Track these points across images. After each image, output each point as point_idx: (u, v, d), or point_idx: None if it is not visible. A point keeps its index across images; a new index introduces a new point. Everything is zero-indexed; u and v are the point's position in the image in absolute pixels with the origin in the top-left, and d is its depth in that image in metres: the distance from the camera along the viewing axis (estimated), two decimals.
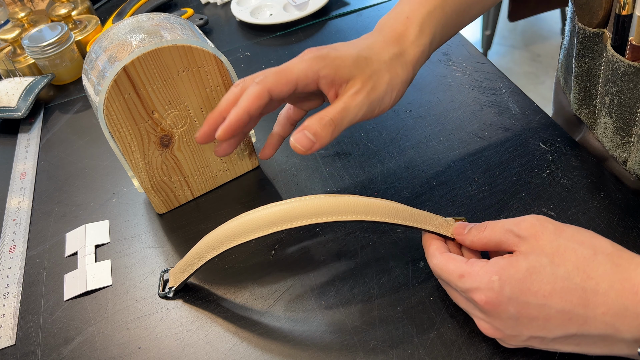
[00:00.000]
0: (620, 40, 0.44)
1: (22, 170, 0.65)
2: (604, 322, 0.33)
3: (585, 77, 0.50)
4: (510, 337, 0.36)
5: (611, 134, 0.48)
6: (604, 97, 0.47)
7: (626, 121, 0.46)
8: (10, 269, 0.53)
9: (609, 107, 0.47)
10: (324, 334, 0.43)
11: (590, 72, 0.49)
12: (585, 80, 0.50)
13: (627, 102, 0.45)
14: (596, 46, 0.47)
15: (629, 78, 0.43)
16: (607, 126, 0.48)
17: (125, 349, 0.45)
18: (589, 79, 0.49)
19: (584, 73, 0.50)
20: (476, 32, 2.30)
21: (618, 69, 0.44)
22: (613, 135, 0.48)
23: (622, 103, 0.45)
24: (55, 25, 0.77)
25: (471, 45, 0.70)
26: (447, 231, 0.42)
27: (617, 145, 0.48)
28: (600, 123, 0.50)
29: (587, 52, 0.48)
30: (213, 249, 0.42)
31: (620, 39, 0.43)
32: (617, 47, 0.44)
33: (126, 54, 0.44)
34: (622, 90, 0.44)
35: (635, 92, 0.43)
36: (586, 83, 0.50)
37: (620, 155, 0.48)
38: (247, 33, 0.83)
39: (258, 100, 0.41)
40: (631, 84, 0.43)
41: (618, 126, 0.47)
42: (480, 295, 0.36)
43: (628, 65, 0.43)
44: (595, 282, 0.33)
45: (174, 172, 0.53)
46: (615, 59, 0.44)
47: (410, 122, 0.60)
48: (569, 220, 0.47)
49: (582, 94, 0.51)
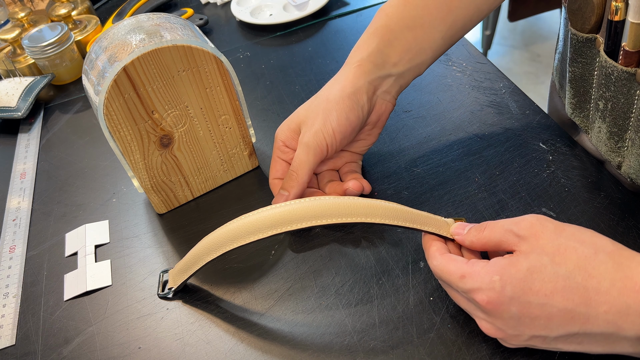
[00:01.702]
0: (613, 45, 0.43)
1: (22, 170, 0.65)
2: (606, 321, 0.33)
3: (579, 81, 0.50)
4: (512, 337, 0.36)
5: (605, 139, 0.48)
6: (598, 102, 0.47)
7: (620, 126, 0.46)
8: (10, 269, 0.53)
9: (603, 111, 0.47)
10: (324, 334, 0.43)
11: (583, 77, 0.49)
12: (579, 84, 0.50)
13: (620, 107, 0.45)
14: (589, 51, 0.47)
15: (622, 83, 0.43)
16: (601, 131, 0.48)
17: (125, 349, 0.45)
18: (582, 83, 0.49)
19: (578, 78, 0.50)
20: (476, 32, 2.30)
21: (611, 74, 0.44)
22: (607, 140, 0.48)
23: (615, 108, 0.45)
24: (55, 25, 0.77)
25: (471, 45, 0.70)
26: (447, 232, 0.42)
27: (611, 150, 0.48)
28: (594, 127, 0.50)
29: (580, 57, 0.48)
30: (212, 251, 0.42)
31: (613, 45, 0.43)
32: (610, 52, 0.44)
33: (126, 54, 0.44)
34: (615, 95, 0.44)
35: (628, 97, 0.43)
36: (580, 87, 0.50)
37: (615, 159, 0.48)
38: (247, 33, 0.83)
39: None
40: (624, 89, 0.43)
41: (612, 131, 0.47)
42: (481, 296, 0.36)
43: (621, 71, 0.43)
44: (596, 281, 0.33)
45: (174, 172, 0.53)
46: (609, 64, 0.44)
47: (410, 122, 0.60)
48: (569, 220, 0.47)
49: (576, 99, 0.51)
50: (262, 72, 0.74)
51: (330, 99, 0.48)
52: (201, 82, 0.49)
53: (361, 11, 0.83)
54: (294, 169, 0.48)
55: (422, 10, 0.49)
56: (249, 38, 0.82)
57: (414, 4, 0.50)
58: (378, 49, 0.49)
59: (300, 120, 0.49)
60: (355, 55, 0.50)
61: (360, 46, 0.50)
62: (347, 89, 0.48)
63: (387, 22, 0.49)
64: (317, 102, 0.49)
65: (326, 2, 0.82)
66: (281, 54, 0.76)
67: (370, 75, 0.49)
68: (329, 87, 0.49)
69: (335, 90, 0.48)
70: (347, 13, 0.83)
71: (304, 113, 0.49)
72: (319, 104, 0.48)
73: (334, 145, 0.48)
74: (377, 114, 0.51)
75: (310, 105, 0.49)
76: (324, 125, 0.47)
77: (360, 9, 0.83)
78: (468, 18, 0.51)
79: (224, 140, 0.54)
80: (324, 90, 0.50)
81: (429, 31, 0.50)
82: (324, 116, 0.47)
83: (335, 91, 0.48)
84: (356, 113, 0.48)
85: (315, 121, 0.48)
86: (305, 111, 0.49)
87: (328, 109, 0.47)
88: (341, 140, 0.49)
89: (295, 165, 0.48)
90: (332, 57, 0.74)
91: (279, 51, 0.77)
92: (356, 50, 0.50)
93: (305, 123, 0.48)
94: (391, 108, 0.51)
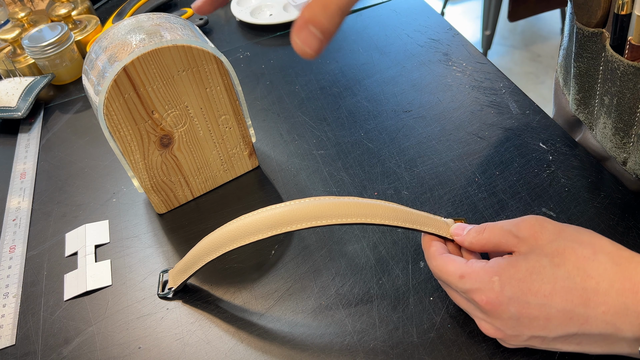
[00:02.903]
0: (619, 40, 0.43)
1: (22, 170, 0.65)
2: (605, 321, 0.33)
3: (584, 77, 0.49)
4: (511, 337, 0.36)
5: (610, 134, 0.48)
6: (603, 97, 0.47)
7: (626, 121, 0.46)
8: (10, 269, 0.53)
9: (608, 107, 0.47)
10: (324, 334, 0.43)
11: (589, 72, 0.49)
12: (584, 80, 0.50)
13: (626, 102, 0.44)
14: (595, 46, 0.47)
15: (629, 78, 0.43)
16: (607, 126, 0.48)
17: (125, 349, 0.45)
18: (587, 79, 0.49)
19: (583, 73, 0.49)
20: (476, 32, 2.30)
21: (617, 69, 0.44)
22: (612, 136, 0.48)
23: (621, 103, 0.45)
24: (55, 25, 0.77)
25: (471, 45, 0.70)
26: (447, 232, 0.42)
27: (617, 146, 0.48)
28: (599, 123, 0.49)
29: (585, 52, 0.48)
30: (212, 252, 0.42)
31: (619, 39, 0.43)
32: (616, 46, 0.44)
33: (126, 54, 0.44)
34: (621, 90, 0.44)
35: (634, 92, 0.43)
36: (585, 83, 0.50)
37: (620, 155, 0.48)
38: (247, 33, 0.83)
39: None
40: (630, 84, 0.43)
41: (617, 126, 0.46)
42: (480, 296, 0.36)
43: (627, 65, 0.43)
44: (595, 282, 0.33)
45: (174, 172, 0.53)
46: (615, 59, 0.44)
47: (410, 122, 0.60)
48: (569, 220, 0.47)
49: (581, 94, 0.51)
50: (262, 72, 0.74)
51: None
52: (201, 82, 0.49)
53: (361, 11, 0.83)
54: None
55: None
56: (249, 38, 0.82)
57: None
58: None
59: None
60: None
61: None
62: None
63: None
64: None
65: None
66: (281, 54, 0.76)
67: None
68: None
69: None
70: None
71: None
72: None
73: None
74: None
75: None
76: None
77: (360, 9, 0.83)
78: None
79: (224, 140, 0.54)
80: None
81: None
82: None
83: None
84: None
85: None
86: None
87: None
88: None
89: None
90: (332, 57, 0.74)
91: (279, 51, 0.77)
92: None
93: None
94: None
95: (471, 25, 2.39)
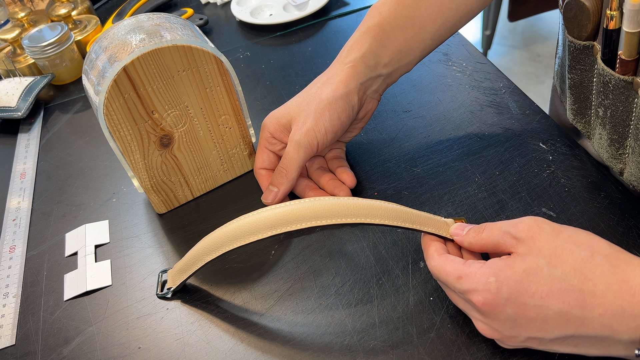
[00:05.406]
0: (610, 53, 0.43)
1: (22, 170, 0.65)
2: (602, 324, 0.33)
3: (579, 88, 0.49)
4: (508, 338, 0.36)
5: (606, 145, 0.48)
6: (598, 109, 0.47)
7: (620, 133, 0.45)
8: (10, 269, 0.53)
9: (603, 119, 0.47)
10: (324, 334, 0.43)
11: (583, 83, 0.49)
12: (579, 91, 0.50)
13: (619, 115, 0.44)
14: (587, 59, 0.47)
15: (620, 91, 0.43)
16: (602, 137, 0.48)
17: (125, 349, 0.45)
18: (582, 90, 0.49)
19: (577, 84, 0.49)
20: (476, 32, 2.30)
21: (609, 82, 0.44)
22: (608, 147, 0.48)
23: (615, 115, 0.45)
24: (55, 25, 0.77)
25: (471, 45, 0.70)
26: (446, 232, 0.42)
27: (613, 156, 0.48)
28: (595, 134, 0.49)
29: (578, 64, 0.48)
30: (212, 252, 0.42)
31: (610, 53, 0.43)
32: (607, 60, 0.44)
33: (126, 54, 0.44)
34: (614, 103, 0.44)
35: (627, 105, 0.43)
36: (580, 94, 0.50)
37: (616, 166, 0.48)
38: (247, 33, 0.83)
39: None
40: (622, 97, 0.43)
41: (612, 138, 0.46)
42: (477, 297, 0.36)
43: (618, 79, 0.42)
44: (592, 284, 0.33)
45: (174, 172, 0.53)
46: (606, 73, 0.44)
47: (410, 122, 0.60)
48: (568, 220, 0.47)
49: (577, 105, 0.51)
50: (262, 72, 0.74)
51: (323, 98, 0.49)
52: (201, 82, 0.49)
53: (361, 11, 0.83)
54: (283, 165, 0.49)
55: (414, 11, 0.50)
56: (249, 38, 0.82)
57: (406, 3, 0.50)
58: (371, 49, 0.50)
59: (291, 116, 0.50)
60: (348, 54, 0.51)
61: (353, 45, 0.51)
62: (339, 90, 0.49)
63: (380, 21, 0.50)
64: (308, 99, 0.50)
65: (326, 2, 0.82)
66: (281, 54, 0.76)
67: (362, 77, 0.50)
68: (321, 86, 0.50)
69: (328, 90, 0.49)
70: (347, 13, 0.83)
71: (295, 109, 0.50)
72: (311, 102, 0.49)
73: (324, 143, 0.49)
74: (364, 111, 0.53)
75: (302, 102, 0.50)
76: (316, 124, 0.48)
77: (360, 9, 0.83)
78: (457, 19, 0.52)
79: (224, 140, 0.54)
80: (316, 87, 0.50)
81: (419, 32, 0.51)
82: (316, 116, 0.48)
83: (328, 91, 0.49)
84: (347, 113, 0.50)
85: (307, 120, 0.49)
86: (296, 108, 0.50)
87: (320, 108, 0.49)
88: (332, 139, 0.50)
89: (286, 162, 0.49)
90: (332, 57, 0.73)
91: (279, 51, 0.77)
92: (349, 49, 0.51)
93: (297, 120, 0.49)
94: (377, 104, 0.54)
95: (471, 25, 2.38)
